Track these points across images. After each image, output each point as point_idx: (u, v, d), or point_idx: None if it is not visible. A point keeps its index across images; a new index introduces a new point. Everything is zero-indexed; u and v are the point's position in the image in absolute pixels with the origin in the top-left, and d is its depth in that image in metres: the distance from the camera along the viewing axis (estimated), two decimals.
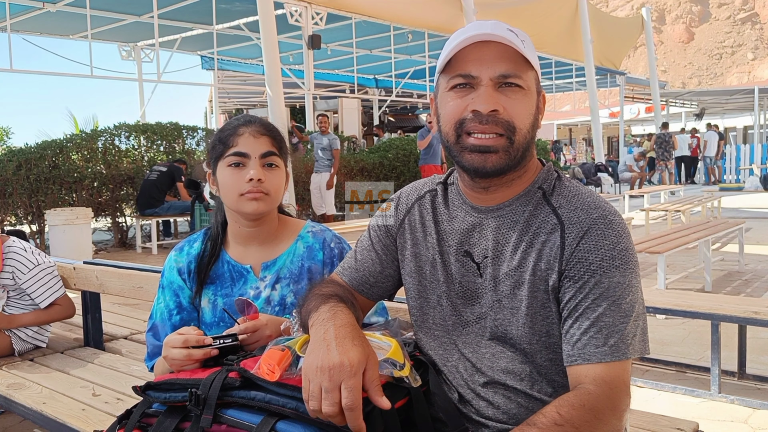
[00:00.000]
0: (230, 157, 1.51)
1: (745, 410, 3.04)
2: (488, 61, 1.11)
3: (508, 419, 1.18)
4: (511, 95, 1.12)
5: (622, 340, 1.07)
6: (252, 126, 1.54)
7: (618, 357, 1.06)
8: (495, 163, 1.13)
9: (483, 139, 1.12)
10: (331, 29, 12.92)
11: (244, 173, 1.50)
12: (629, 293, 1.10)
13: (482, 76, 1.11)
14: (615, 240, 1.11)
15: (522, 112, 1.13)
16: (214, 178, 1.57)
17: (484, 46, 1.11)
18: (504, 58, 1.11)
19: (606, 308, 1.08)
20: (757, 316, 3.01)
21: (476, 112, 1.11)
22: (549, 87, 21.72)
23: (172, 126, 10.11)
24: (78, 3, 11.12)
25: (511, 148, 1.12)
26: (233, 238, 1.62)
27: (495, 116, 1.11)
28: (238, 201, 1.51)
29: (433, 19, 12.89)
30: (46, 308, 2.70)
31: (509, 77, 1.11)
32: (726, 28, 66.29)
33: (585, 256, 1.10)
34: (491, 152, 1.12)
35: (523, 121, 1.13)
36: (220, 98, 19.97)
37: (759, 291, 5.50)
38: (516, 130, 1.12)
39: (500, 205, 1.20)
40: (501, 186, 1.19)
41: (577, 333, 1.09)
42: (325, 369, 1.01)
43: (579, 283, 1.10)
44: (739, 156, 21.11)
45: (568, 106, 31.81)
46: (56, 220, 7.35)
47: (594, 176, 16.02)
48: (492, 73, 1.11)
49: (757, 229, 9.29)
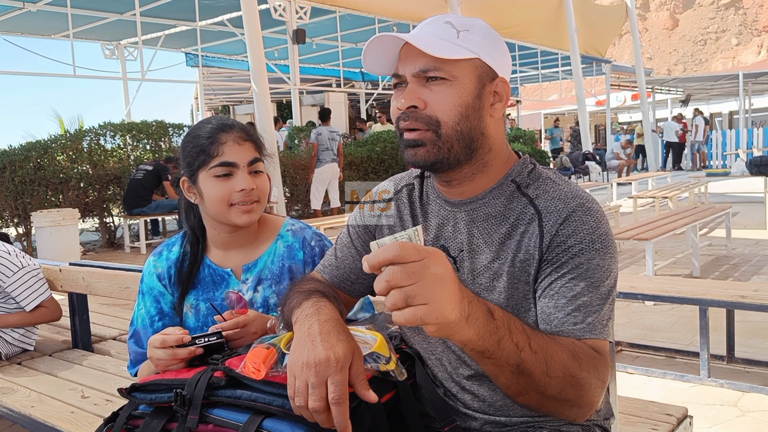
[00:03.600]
0: (217, 167, 1.45)
1: (734, 393, 3.07)
2: (409, 58, 1.13)
3: (494, 411, 1.18)
4: (434, 88, 1.12)
5: (599, 320, 1.07)
6: (233, 132, 1.48)
7: (596, 335, 1.06)
8: (424, 157, 1.14)
9: (410, 134, 1.14)
10: (316, 23, 12.88)
11: (233, 183, 1.46)
12: (607, 277, 1.09)
13: (405, 73, 1.14)
14: (594, 225, 1.11)
15: (445, 104, 1.12)
16: (193, 186, 1.51)
17: (406, 48, 1.14)
18: (420, 54, 1.11)
19: (584, 288, 1.07)
20: (745, 300, 3.03)
21: (405, 108, 1.13)
22: (535, 76, 21.79)
23: (158, 124, 10.04)
24: (59, 2, 11.00)
25: (439, 141, 1.12)
26: (213, 242, 1.59)
27: (415, 112, 1.12)
28: (228, 212, 1.47)
29: (417, 11, 12.85)
30: (32, 311, 2.67)
31: (429, 71, 1.11)
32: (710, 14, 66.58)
33: (564, 240, 1.10)
34: (419, 146, 1.14)
35: (447, 113, 1.12)
36: (206, 95, 19.84)
37: (746, 275, 5.54)
38: (440, 122, 1.12)
39: (472, 199, 1.19)
40: (463, 180, 1.19)
41: (554, 311, 1.07)
42: (311, 364, 1.00)
43: (557, 264, 1.09)
44: (725, 141, 21.24)
45: (555, 95, 31.84)
46: (43, 221, 7.28)
47: (582, 165, 16.07)
48: (412, 69, 1.13)
49: (744, 214, 9.35)
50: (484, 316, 0.91)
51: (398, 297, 0.82)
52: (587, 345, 1.04)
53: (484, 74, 1.14)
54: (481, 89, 1.13)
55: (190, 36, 14.27)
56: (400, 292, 0.82)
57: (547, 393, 0.98)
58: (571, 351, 1.00)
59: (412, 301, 0.82)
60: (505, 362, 0.94)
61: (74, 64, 11.31)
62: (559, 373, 0.97)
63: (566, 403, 1.01)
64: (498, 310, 0.94)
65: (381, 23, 13.79)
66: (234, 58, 17.38)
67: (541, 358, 0.96)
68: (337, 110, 15.42)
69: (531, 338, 0.96)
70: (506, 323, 0.94)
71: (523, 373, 0.95)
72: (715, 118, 27.70)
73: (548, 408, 1.02)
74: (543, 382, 0.96)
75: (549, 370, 0.96)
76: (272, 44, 15.17)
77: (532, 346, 0.95)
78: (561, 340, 1.02)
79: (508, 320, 0.95)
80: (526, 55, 19.07)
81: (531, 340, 0.96)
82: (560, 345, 1.00)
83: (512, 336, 0.94)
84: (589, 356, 1.02)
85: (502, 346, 0.93)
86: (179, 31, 14.00)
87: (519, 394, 1.00)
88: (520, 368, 0.95)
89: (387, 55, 1.17)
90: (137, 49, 12.88)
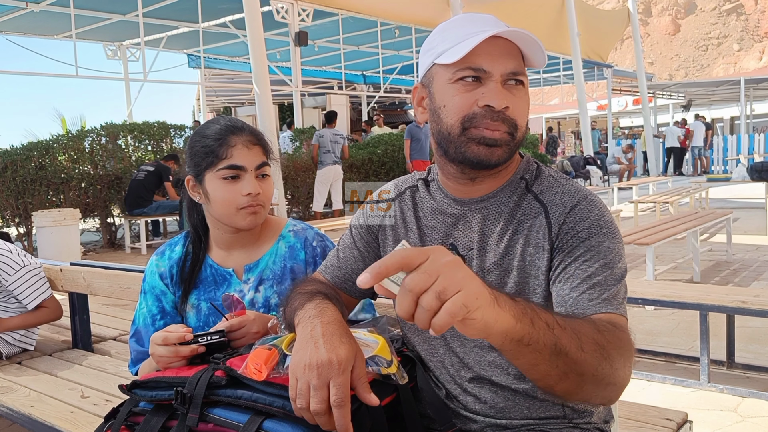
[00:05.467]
0: (225, 170, 1.46)
1: (734, 399, 3.06)
2: (499, 56, 1.11)
3: (495, 413, 1.18)
4: (515, 93, 1.13)
5: (615, 297, 1.06)
6: (243, 135, 1.49)
7: (612, 309, 1.04)
8: (500, 157, 1.13)
9: (492, 132, 1.12)
10: (318, 26, 12.89)
11: (240, 187, 1.47)
12: (619, 260, 1.10)
13: (494, 71, 1.11)
14: (599, 213, 1.12)
15: (524, 110, 1.15)
16: (199, 186, 1.51)
17: (493, 41, 1.10)
18: (511, 54, 1.12)
19: (598, 268, 1.07)
20: (745, 305, 3.03)
21: (488, 107, 1.10)
22: (537, 81, 21.74)
23: (160, 125, 10.05)
24: (62, 2, 11.01)
25: (512, 142, 1.14)
26: (215, 242, 1.60)
27: (504, 112, 1.12)
28: (234, 215, 1.48)
29: (420, 14, 12.87)
30: (33, 310, 2.67)
31: (518, 74, 1.12)
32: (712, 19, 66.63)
33: (572, 227, 1.10)
34: (498, 146, 1.12)
35: (523, 118, 1.15)
36: (208, 96, 19.88)
37: (747, 280, 5.54)
38: (518, 126, 1.14)
39: (484, 197, 1.20)
40: (489, 177, 1.19)
41: (569, 291, 1.06)
42: (314, 366, 1.00)
43: (568, 250, 1.09)
44: (726, 147, 21.25)
45: (556, 99, 31.89)
46: (44, 221, 7.28)
47: (583, 169, 16.06)
48: (503, 69, 1.11)
49: (745, 219, 9.35)
50: (509, 298, 0.86)
51: (430, 299, 0.76)
52: (603, 319, 1.01)
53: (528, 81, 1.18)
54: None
55: (192, 37, 14.28)
56: (429, 294, 0.76)
57: (585, 372, 0.93)
58: (592, 325, 0.97)
59: (445, 296, 0.76)
60: (543, 345, 0.88)
61: (76, 64, 11.34)
62: (591, 347, 0.93)
63: (602, 381, 0.95)
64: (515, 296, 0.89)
65: (383, 26, 13.81)
66: (236, 60, 17.39)
67: (571, 333, 0.91)
68: (338, 113, 15.43)
69: (555, 316, 0.92)
70: (527, 303, 0.90)
71: (561, 352, 0.90)
72: (716, 123, 27.68)
73: (586, 392, 0.97)
74: (580, 359, 0.91)
75: (582, 345, 0.92)
76: (274, 46, 15.19)
77: (559, 322, 0.91)
78: (579, 317, 1.00)
79: (527, 302, 0.90)
80: None
81: (556, 317, 0.92)
82: (582, 320, 0.98)
83: (539, 315, 0.89)
84: (609, 329, 0.98)
85: (536, 327, 0.87)
86: (181, 32, 14.01)
87: (559, 380, 0.93)
88: (557, 348, 0.89)
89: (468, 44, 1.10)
90: (139, 50, 12.92)
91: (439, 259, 0.78)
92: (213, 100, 22.06)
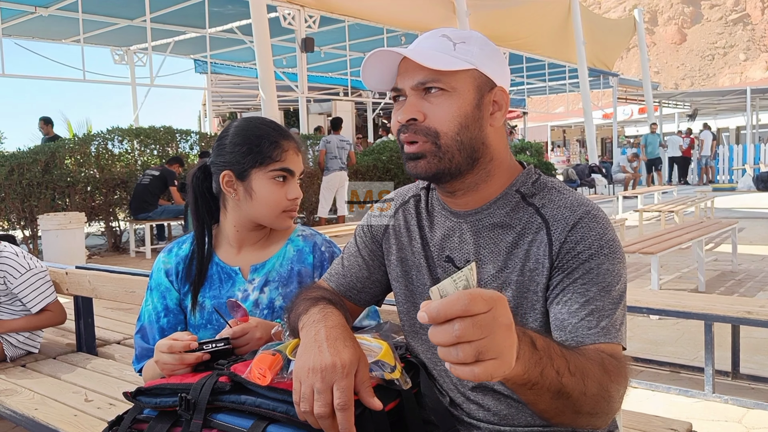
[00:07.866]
0: (277, 171, 1.51)
1: (738, 410, 3.05)
2: (408, 72, 1.14)
3: (499, 420, 1.18)
4: (433, 100, 1.13)
5: (613, 324, 1.06)
6: (293, 141, 1.55)
7: (611, 339, 1.05)
8: (425, 168, 1.14)
9: (410, 146, 1.15)
10: (324, 32, 12.93)
11: (286, 190, 1.53)
12: (618, 282, 1.10)
13: (404, 86, 1.14)
14: (601, 231, 1.11)
15: (444, 116, 1.12)
16: (239, 183, 1.53)
17: (404, 62, 1.15)
18: (419, 68, 1.12)
19: (596, 293, 1.07)
20: (750, 315, 3.01)
21: (403, 123, 1.14)
22: (542, 89, 21.79)
23: (166, 130, 10.09)
24: (70, 7, 11.10)
25: (440, 152, 1.13)
26: (226, 240, 1.61)
27: (415, 124, 1.13)
28: (276, 215, 1.54)
29: (426, 21, 12.91)
30: (37, 314, 2.68)
31: (427, 83, 1.12)
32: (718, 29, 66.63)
33: (573, 247, 1.10)
34: (419, 158, 1.14)
35: (446, 123, 1.12)
36: (214, 102, 19.93)
37: (752, 291, 5.52)
38: (440, 134, 1.12)
39: (477, 210, 1.20)
40: (466, 190, 1.19)
41: (567, 316, 1.07)
42: (317, 370, 1.00)
43: (568, 271, 1.10)
44: (732, 156, 21.20)
45: (562, 107, 31.85)
46: (49, 224, 7.31)
47: (588, 177, 16.06)
48: (411, 82, 1.13)
49: (750, 229, 9.32)
50: (529, 350, 0.86)
51: (469, 352, 0.73)
52: (607, 353, 1.02)
53: (483, 84, 1.14)
54: (480, 99, 1.14)
55: (199, 43, 14.35)
56: (470, 347, 0.73)
57: (582, 411, 0.96)
58: (601, 364, 0.98)
59: (483, 357, 0.74)
60: (546, 390, 0.90)
61: (84, 68, 11.37)
62: (594, 390, 0.95)
63: (596, 415, 0.99)
64: (539, 339, 0.90)
65: (389, 33, 13.85)
66: (242, 66, 17.47)
67: (579, 379, 0.93)
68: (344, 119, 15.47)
69: (569, 361, 0.93)
70: (547, 351, 0.90)
71: (562, 396, 0.92)
72: (722, 133, 27.65)
73: (579, 423, 1.00)
74: (580, 402, 0.94)
75: (586, 389, 0.94)
76: (280, 52, 15.26)
77: (570, 369, 0.92)
78: (590, 354, 1.00)
79: (548, 347, 0.91)
80: (533, 67, 19.09)
81: (570, 364, 0.93)
82: (592, 361, 0.98)
83: (553, 363, 0.90)
84: (615, 366, 1.00)
85: (545, 376, 0.88)
86: (188, 37, 14.08)
87: (555, 416, 0.97)
88: (560, 393, 0.92)
89: (386, 71, 1.18)
90: (146, 55, 12.98)
91: (498, 317, 0.76)
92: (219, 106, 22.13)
